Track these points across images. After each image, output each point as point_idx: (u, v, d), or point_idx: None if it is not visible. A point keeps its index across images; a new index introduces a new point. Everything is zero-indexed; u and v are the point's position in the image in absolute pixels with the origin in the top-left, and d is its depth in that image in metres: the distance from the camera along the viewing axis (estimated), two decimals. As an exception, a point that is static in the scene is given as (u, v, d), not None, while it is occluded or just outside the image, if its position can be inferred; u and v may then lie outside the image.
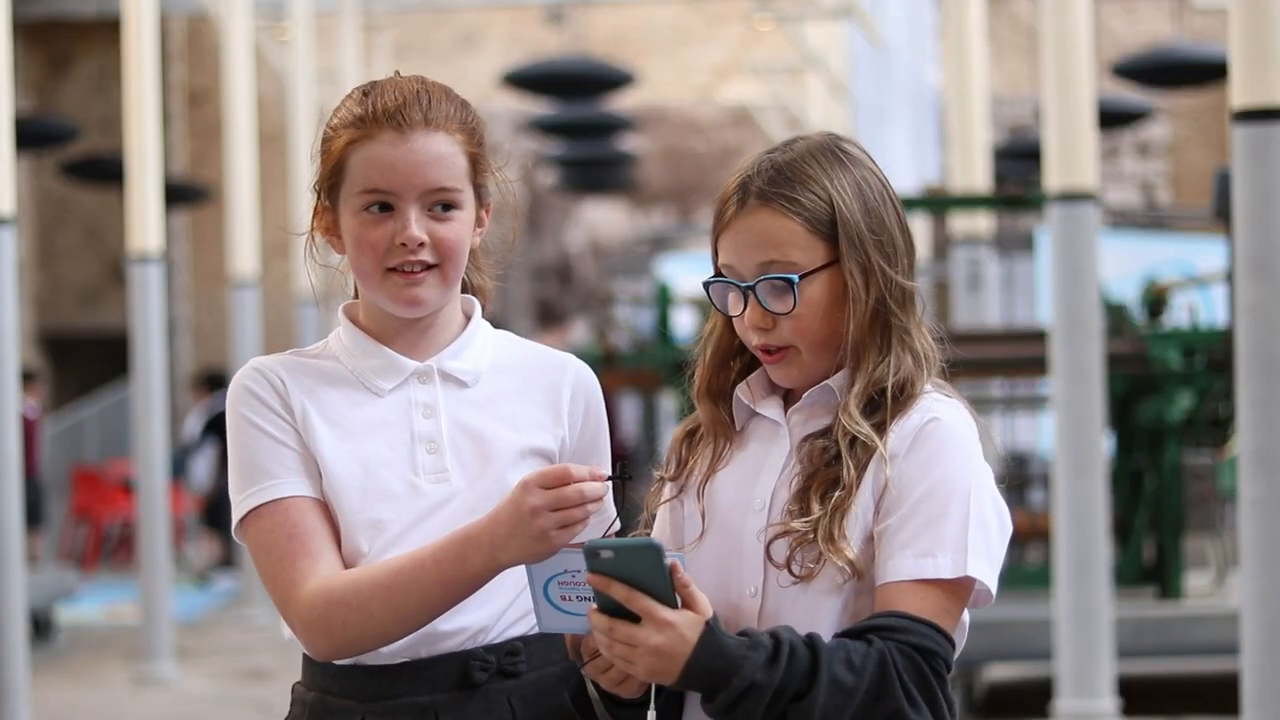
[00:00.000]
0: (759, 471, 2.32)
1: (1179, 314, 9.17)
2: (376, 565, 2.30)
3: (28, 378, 15.07)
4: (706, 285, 2.35)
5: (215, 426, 15.90)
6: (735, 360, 2.39)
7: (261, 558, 2.34)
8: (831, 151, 2.32)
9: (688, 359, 2.42)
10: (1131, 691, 7.79)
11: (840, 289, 2.28)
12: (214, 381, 16.84)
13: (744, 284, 2.29)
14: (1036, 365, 8.27)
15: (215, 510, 16.18)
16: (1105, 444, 7.53)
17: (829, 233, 2.28)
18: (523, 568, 2.24)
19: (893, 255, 2.30)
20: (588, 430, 2.46)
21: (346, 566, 2.33)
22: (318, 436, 2.36)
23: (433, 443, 2.37)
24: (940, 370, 2.35)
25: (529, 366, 2.46)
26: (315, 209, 2.43)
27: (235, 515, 2.37)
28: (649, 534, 2.40)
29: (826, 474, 2.25)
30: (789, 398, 2.36)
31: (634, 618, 2.13)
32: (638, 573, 2.12)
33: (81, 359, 21.11)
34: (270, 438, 2.36)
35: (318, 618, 2.29)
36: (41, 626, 11.79)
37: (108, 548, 17.42)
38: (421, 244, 2.34)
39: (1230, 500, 7.99)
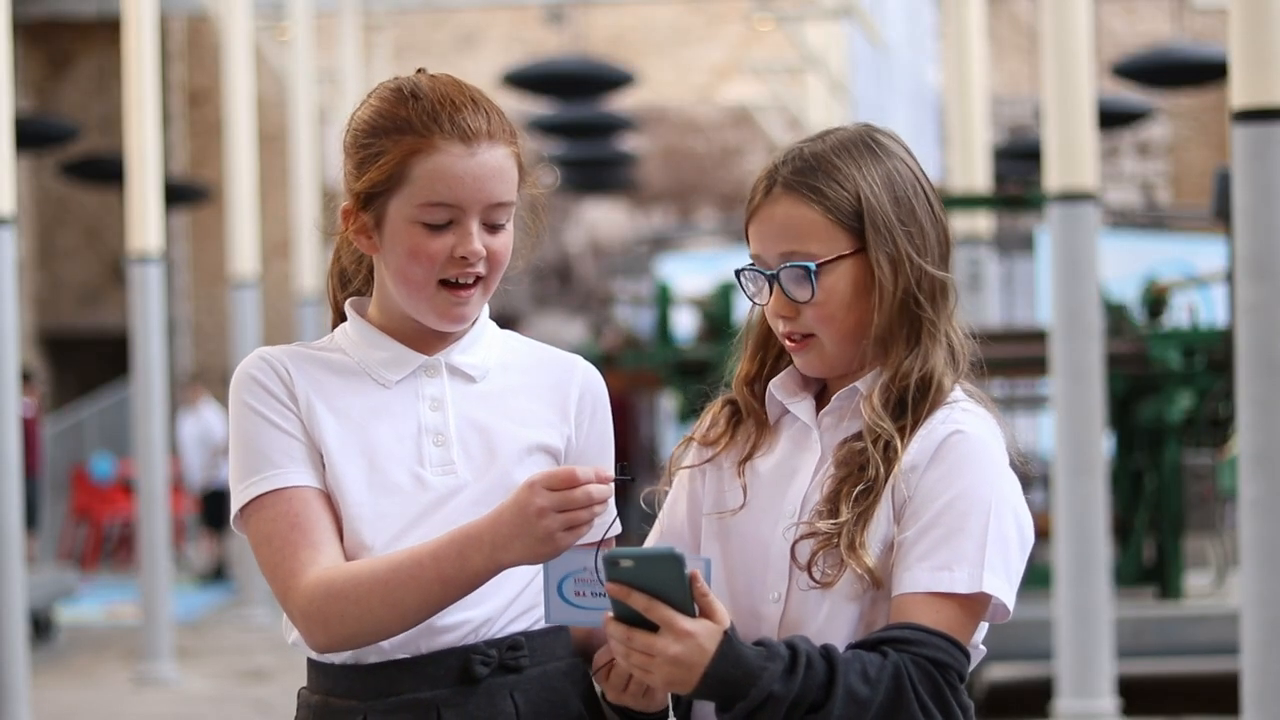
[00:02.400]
0: (791, 477, 2.31)
1: (1179, 314, 9.19)
2: (377, 560, 2.28)
3: (23, 378, 15.06)
4: (738, 273, 2.36)
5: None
6: (769, 351, 2.39)
7: (263, 548, 2.31)
8: (864, 142, 2.32)
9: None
10: (1131, 691, 7.79)
11: (866, 278, 2.27)
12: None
13: (768, 272, 2.30)
14: (1036, 365, 8.28)
15: (213, 509, 16.19)
16: (1105, 444, 7.53)
17: (853, 224, 2.27)
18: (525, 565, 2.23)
19: (923, 246, 2.28)
20: (594, 432, 2.43)
21: (349, 558, 2.30)
22: (323, 427, 2.33)
23: (440, 435, 2.35)
24: (970, 370, 2.34)
25: (537, 365, 2.44)
26: (347, 209, 2.38)
27: (235, 503, 2.34)
28: (667, 491, 2.40)
29: (860, 477, 2.23)
30: (821, 399, 2.35)
31: (651, 626, 2.12)
32: (657, 582, 2.10)
33: (81, 359, 21.11)
34: (274, 426, 2.33)
35: (316, 610, 2.27)
36: (41, 626, 11.79)
37: (108, 548, 17.42)
38: (481, 257, 2.34)
39: (1230, 500, 7.99)
